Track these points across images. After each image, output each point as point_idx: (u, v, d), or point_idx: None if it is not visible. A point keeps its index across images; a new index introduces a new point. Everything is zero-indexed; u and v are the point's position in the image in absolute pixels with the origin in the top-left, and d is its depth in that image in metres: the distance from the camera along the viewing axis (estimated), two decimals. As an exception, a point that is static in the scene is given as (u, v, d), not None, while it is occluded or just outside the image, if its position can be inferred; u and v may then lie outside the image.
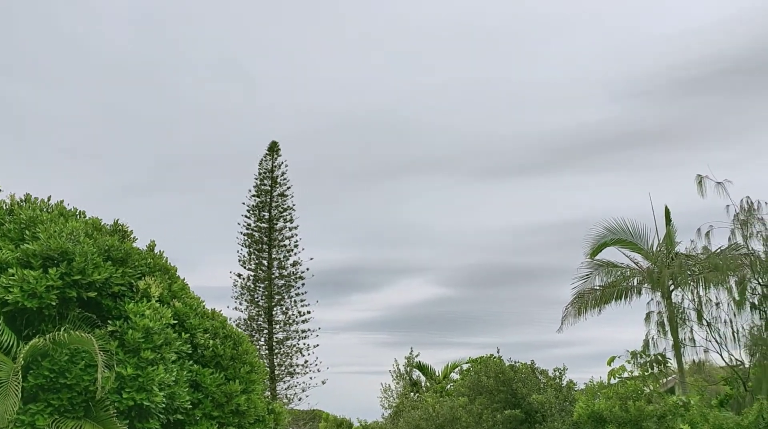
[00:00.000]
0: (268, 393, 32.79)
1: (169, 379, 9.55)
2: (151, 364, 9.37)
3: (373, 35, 52.02)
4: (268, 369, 34.01)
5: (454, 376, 32.52)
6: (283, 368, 36.05)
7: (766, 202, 17.53)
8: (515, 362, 25.50)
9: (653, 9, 50.39)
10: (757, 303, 17.46)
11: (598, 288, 22.64)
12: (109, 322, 9.64)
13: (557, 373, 24.31)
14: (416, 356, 34.13)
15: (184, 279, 11.50)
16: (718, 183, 17.80)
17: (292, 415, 31.58)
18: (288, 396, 35.43)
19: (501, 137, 54.06)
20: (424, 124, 54.43)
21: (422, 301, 58.63)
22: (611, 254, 23.26)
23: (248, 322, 36.27)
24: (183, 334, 10.35)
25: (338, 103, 53.61)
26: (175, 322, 10.29)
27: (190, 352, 10.57)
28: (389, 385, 33.81)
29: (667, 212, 22.55)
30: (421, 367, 33.70)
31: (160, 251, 11.46)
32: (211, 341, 10.92)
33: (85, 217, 11.37)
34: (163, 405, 9.49)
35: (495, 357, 25.47)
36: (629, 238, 22.97)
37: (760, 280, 17.24)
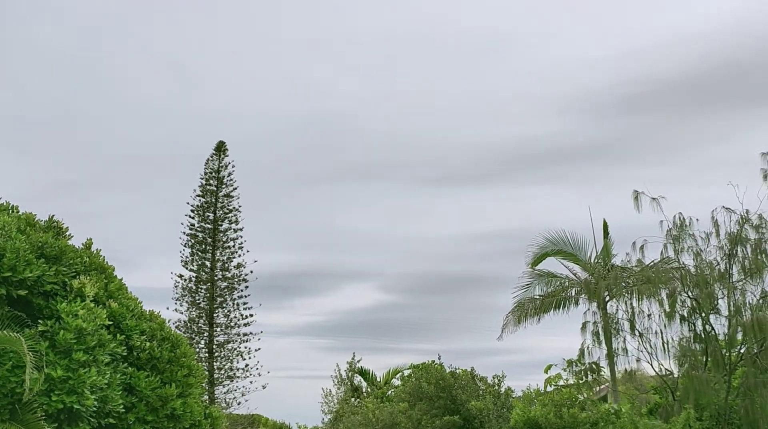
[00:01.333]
0: (206, 397, 32.13)
1: (102, 381, 9.28)
2: (83, 366, 9.09)
3: (324, 40, 52.01)
4: (207, 372, 33.37)
5: (396, 381, 32.65)
6: (222, 372, 35.45)
7: (697, 219, 18.33)
8: (456, 369, 25.82)
9: (599, 29, 52.18)
10: (686, 315, 18.19)
11: (537, 297, 23.18)
12: (39, 321, 9.31)
13: (496, 380, 24.71)
14: (358, 361, 34.14)
15: (121, 279, 11.20)
16: (653, 199, 18.51)
17: (230, 419, 31.05)
18: (227, 400, 34.85)
19: (449, 147, 54.83)
20: (375, 131, 54.71)
21: (367, 307, 58.72)
22: (552, 264, 23.90)
23: (188, 325, 35.54)
24: (118, 335, 10.07)
25: (289, 106, 53.36)
26: (110, 323, 10.01)
27: (125, 354, 10.29)
28: (330, 390, 33.71)
29: (605, 225, 23.31)
30: (363, 373, 33.71)
31: (96, 250, 11.13)
32: (148, 343, 10.66)
33: (18, 212, 10.95)
34: (95, 408, 9.21)
35: (436, 363, 25.72)
36: (569, 249, 23.63)
37: (689, 294, 17.97)
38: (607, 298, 20.62)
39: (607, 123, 52.45)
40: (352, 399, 31.97)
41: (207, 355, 35.33)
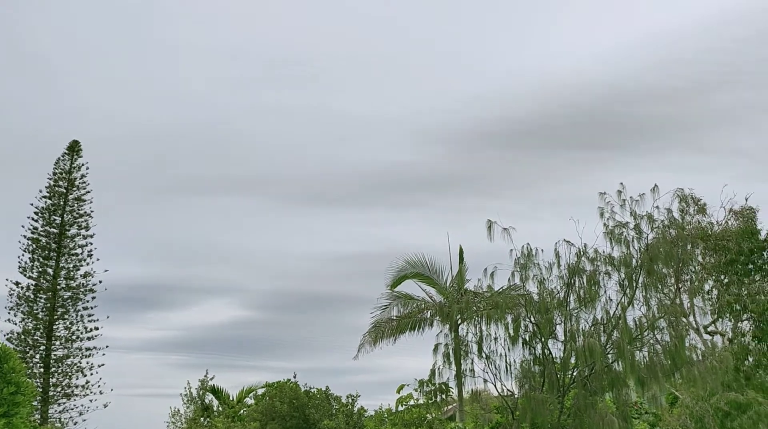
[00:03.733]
0: (37, 416, 29.57)
1: None
2: None
3: (204, 49, 50.61)
4: (40, 389, 30.73)
5: (249, 400, 31.91)
6: (59, 389, 32.78)
7: (542, 250, 19.67)
8: (311, 388, 25.78)
9: (469, 68, 55.41)
10: (528, 339, 19.38)
11: (395, 318, 23.76)
12: None
13: (350, 400, 24.96)
14: (211, 379, 33.02)
15: (-58, 285, 10.12)
16: (504, 229, 19.63)
17: (64, 440, 28.74)
18: (62, 420, 32.23)
19: (319, 167, 55.19)
20: (245, 145, 53.84)
21: (225, 323, 57.10)
22: (410, 287, 24.63)
23: (22, 337, 32.60)
24: (-67, 347, 9.07)
25: (158, 113, 51.25)
26: (-76, 333, 9.01)
27: (-60, 368, 9.28)
28: (178, 409, 32.27)
29: (461, 252, 24.46)
30: (215, 391, 32.61)
31: None
32: (-31, 357, 9.69)
33: None
34: None
35: (291, 382, 25.54)
36: (427, 272, 24.51)
37: (531, 319, 19.20)
38: (459, 321, 21.54)
39: (469, 156, 55.55)
40: (202, 418, 30.77)
41: (42, 370, 32.54)
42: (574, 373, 19.01)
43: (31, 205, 34.17)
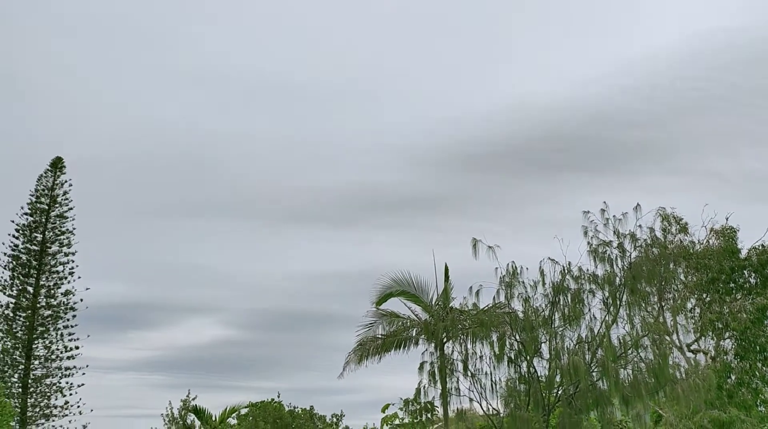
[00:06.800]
0: (15, 437, 28.97)
1: None
2: None
3: (184, 74, 50.74)
4: (18, 410, 30.14)
5: (232, 420, 31.52)
6: (38, 410, 32.19)
7: (527, 268, 19.79)
8: (295, 407, 25.56)
9: (453, 90, 56.15)
10: (513, 357, 19.40)
11: (380, 337, 23.63)
12: None
13: (335, 419, 24.77)
14: (193, 399, 32.59)
15: None
16: (490, 247, 19.75)
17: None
18: (40, 441, 31.64)
19: (305, 189, 55.30)
20: (229, 169, 53.86)
21: (208, 343, 56.57)
22: (395, 305, 24.51)
23: (1, 356, 32.05)
24: None
25: (143, 138, 51.17)
26: None
27: None
28: (160, 430, 31.80)
29: (446, 270, 24.42)
30: (198, 411, 32.15)
31: None
32: (-53, 376, 9.52)
33: None
34: None
35: (275, 402, 25.30)
36: (412, 290, 24.42)
37: (516, 337, 19.23)
38: (445, 340, 21.50)
39: (452, 177, 55.98)
40: (184, 439, 30.35)
41: (21, 390, 31.95)
42: (559, 392, 19.03)
43: (12, 221, 33.81)
